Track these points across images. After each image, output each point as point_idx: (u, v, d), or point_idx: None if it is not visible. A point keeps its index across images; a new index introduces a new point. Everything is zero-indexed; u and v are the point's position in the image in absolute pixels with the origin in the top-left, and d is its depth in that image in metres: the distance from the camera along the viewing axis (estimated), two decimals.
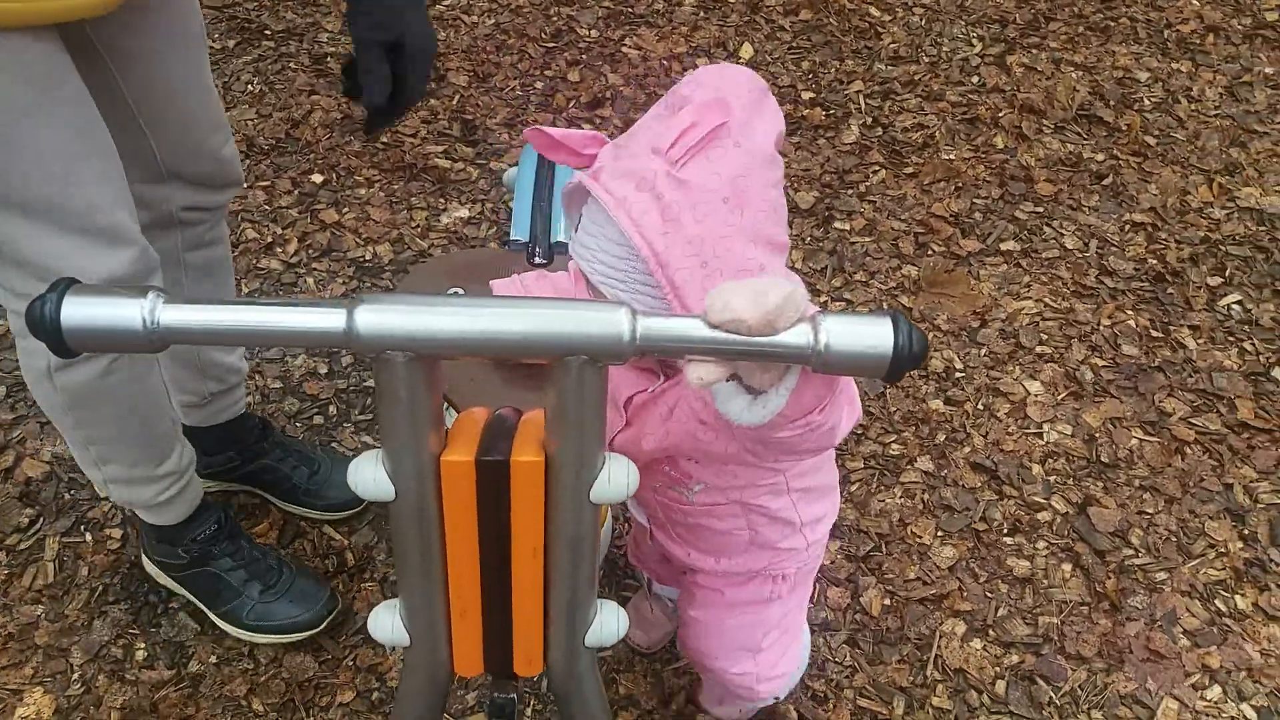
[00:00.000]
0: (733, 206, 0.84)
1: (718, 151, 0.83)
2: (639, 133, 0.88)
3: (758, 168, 0.85)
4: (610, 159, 0.88)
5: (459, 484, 0.73)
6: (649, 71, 2.65)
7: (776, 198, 0.87)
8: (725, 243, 0.84)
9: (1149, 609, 1.64)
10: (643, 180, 0.84)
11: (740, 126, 0.84)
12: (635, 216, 0.84)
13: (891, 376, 0.65)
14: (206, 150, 1.34)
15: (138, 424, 1.34)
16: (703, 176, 0.83)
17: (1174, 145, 2.51)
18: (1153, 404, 1.93)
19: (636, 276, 0.87)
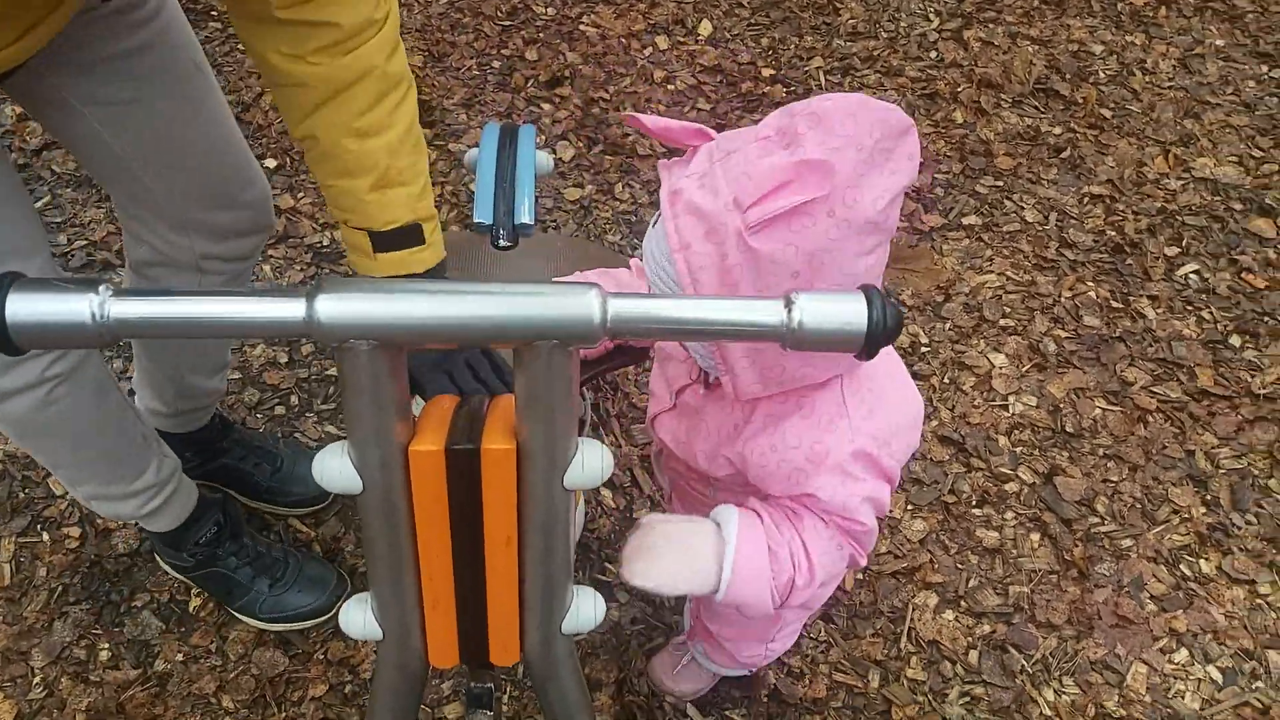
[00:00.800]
0: (802, 281, 0.76)
1: (803, 222, 0.75)
2: (736, 155, 0.78)
3: (849, 239, 0.76)
4: (696, 179, 0.80)
5: (428, 474, 0.71)
6: (608, 50, 2.62)
7: (866, 266, 0.78)
8: None
9: (1116, 575, 1.66)
10: (712, 231, 0.77)
11: (843, 191, 0.74)
12: (694, 270, 0.78)
13: (867, 353, 0.64)
14: (221, 199, 1.23)
15: (98, 448, 1.29)
16: (776, 248, 0.75)
17: (1129, 118, 2.53)
18: (1115, 374, 1.96)
19: None
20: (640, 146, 2.37)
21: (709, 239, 0.78)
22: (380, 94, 1.00)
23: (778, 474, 0.90)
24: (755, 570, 0.88)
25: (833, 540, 0.91)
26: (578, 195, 2.25)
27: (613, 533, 1.69)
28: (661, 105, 2.48)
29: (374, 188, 1.02)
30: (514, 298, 0.63)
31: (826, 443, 0.88)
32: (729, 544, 0.88)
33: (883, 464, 0.89)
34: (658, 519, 0.91)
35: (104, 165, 1.16)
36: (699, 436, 0.98)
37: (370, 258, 1.05)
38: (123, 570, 1.59)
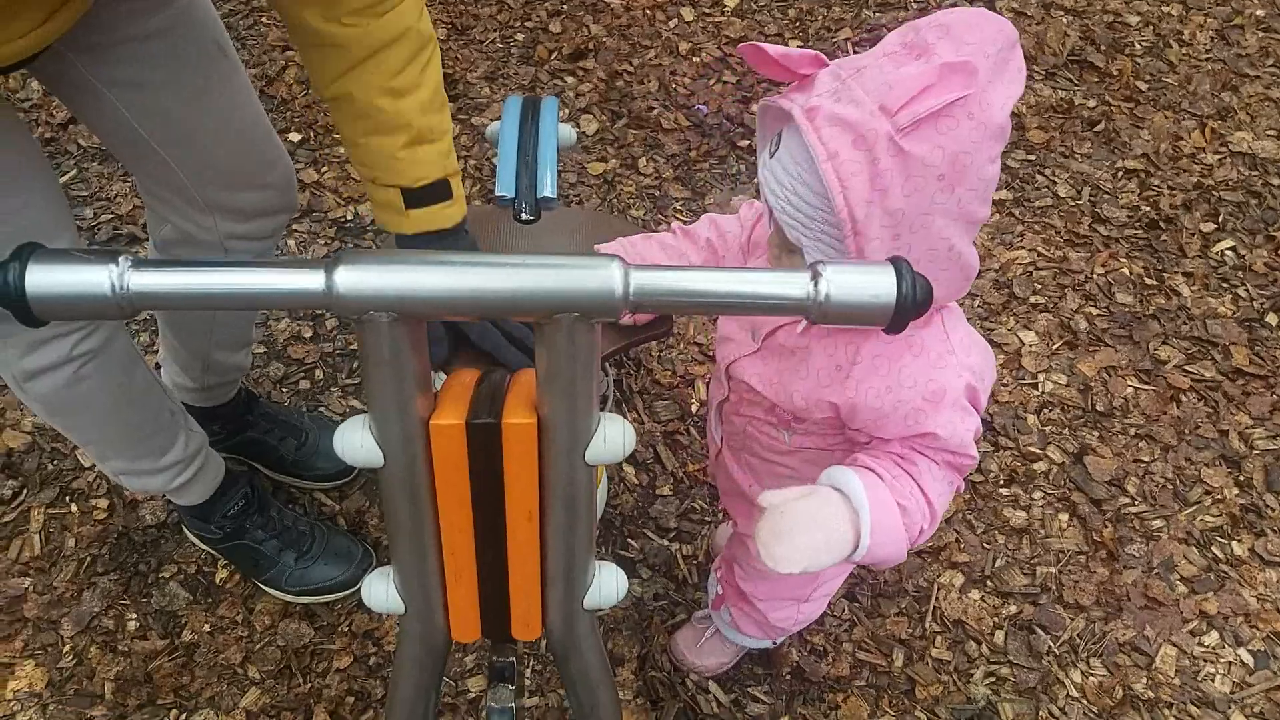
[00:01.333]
0: (946, 184, 0.78)
1: (948, 123, 0.77)
2: (868, 69, 0.80)
3: (985, 142, 0.78)
4: (829, 95, 0.80)
5: (449, 448, 0.70)
6: (632, 21, 2.59)
7: (993, 173, 0.81)
8: (925, 219, 0.80)
9: (1146, 557, 1.64)
10: (861, 138, 0.78)
11: (980, 94, 0.77)
12: (844, 178, 0.79)
13: (894, 327, 0.63)
14: (244, 180, 1.23)
15: (125, 424, 1.29)
16: (926, 150, 0.77)
17: (1165, 90, 2.48)
18: (1147, 352, 1.92)
19: (824, 227, 0.83)
20: (665, 120, 2.34)
21: (857, 146, 0.78)
22: (413, 54, 1.00)
23: (894, 415, 0.91)
24: (891, 529, 0.88)
25: (945, 480, 0.92)
26: (601, 169, 2.23)
27: (635, 509, 1.68)
28: (686, 78, 2.45)
29: (406, 145, 1.03)
30: (535, 270, 0.62)
31: (941, 380, 0.89)
32: (863, 511, 0.87)
33: (980, 398, 0.92)
34: (777, 499, 0.90)
35: (128, 147, 1.16)
36: (798, 378, 0.98)
37: (402, 214, 1.06)
38: (150, 542, 1.61)
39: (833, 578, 1.25)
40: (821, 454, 1.02)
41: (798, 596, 1.26)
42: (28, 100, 2.24)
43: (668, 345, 1.91)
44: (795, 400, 0.98)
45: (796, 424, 1.03)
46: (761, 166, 0.88)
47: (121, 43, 1.06)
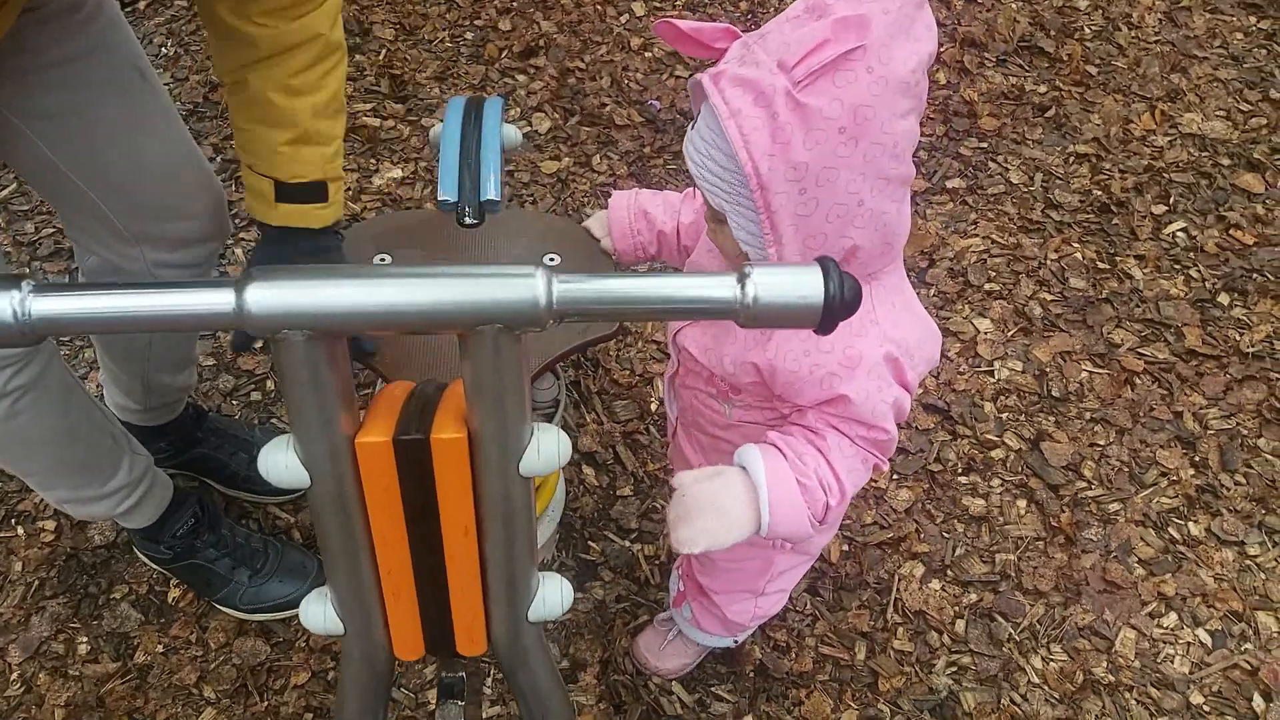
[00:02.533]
0: (848, 137, 0.79)
1: (845, 76, 0.78)
2: (771, 33, 0.82)
3: (888, 96, 0.79)
4: (736, 60, 0.83)
5: (377, 466, 0.69)
6: (583, 17, 2.57)
7: (904, 129, 0.81)
8: (830, 173, 0.81)
9: (1104, 540, 1.64)
10: (761, 95, 0.80)
11: (878, 49, 0.78)
12: (746, 133, 0.81)
13: (824, 327, 0.62)
14: (169, 210, 1.19)
15: (66, 455, 1.26)
16: (823, 102, 0.78)
17: (1115, 74, 2.49)
18: (1101, 336, 1.93)
19: (739, 189, 0.84)
20: (618, 116, 2.33)
21: (758, 104, 0.80)
22: (317, 59, 1.01)
23: (809, 379, 0.92)
24: (790, 506, 0.91)
25: (857, 455, 0.94)
26: (554, 168, 2.21)
27: (595, 511, 1.67)
28: (639, 74, 2.44)
29: (290, 142, 1.03)
30: (454, 282, 0.60)
31: (859, 347, 0.90)
32: (760, 490, 0.90)
33: (906, 373, 0.92)
34: (686, 480, 0.92)
35: (46, 180, 1.13)
36: (727, 342, 0.99)
37: (270, 205, 1.06)
38: (100, 562, 1.57)
39: (786, 570, 1.25)
40: (760, 430, 1.02)
41: (752, 589, 1.26)
42: None
43: (625, 344, 1.90)
44: (725, 364, 1.00)
45: (734, 395, 1.04)
46: (686, 143, 0.90)
47: (35, 70, 1.03)
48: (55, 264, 1.93)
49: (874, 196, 0.83)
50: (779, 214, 0.83)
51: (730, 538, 0.91)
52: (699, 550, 0.90)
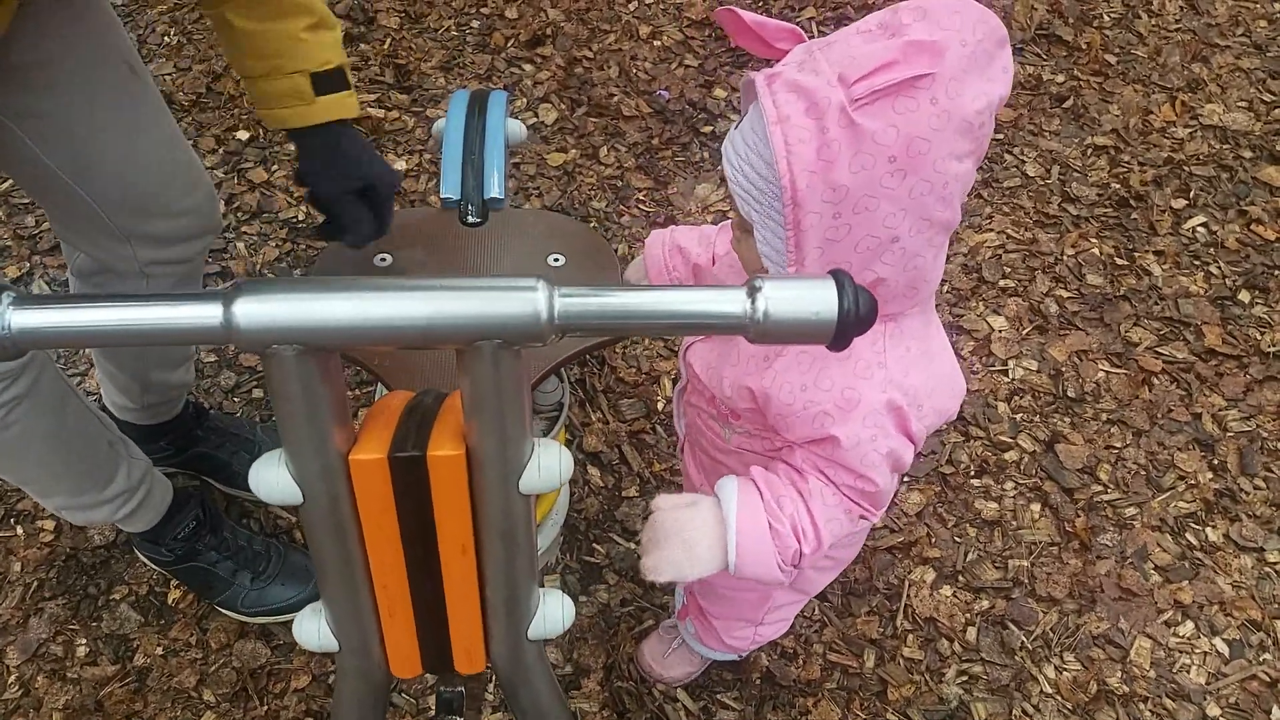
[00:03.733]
0: (897, 168, 0.75)
1: (907, 103, 0.74)
2: (838, 42, 0.78)
3: (948, 134, 0.75)
4: (795, 65, 0.79)
5: (372, 483, 0.66)
6: (591, 5, 2.53)
7: (957, 172, 0.77)
8: (870, 201, 0.77)
9: (1119, 546, 1.61)
10: (814, 105, 0.75)
11: (948, 81, 0.73)
12: (791, 143, 0.76)
13: (837, 344, 0.59)
14: (160, 206, 1.18)
15: (62, 464, 1.24)
16: (878, 125, 0.74)
17: (1135, 63, 2.44)
18: (1119, 334, 1.89)
19: (772, 201, 0.80)
20: (625, 107, 2.29)
21: (809, 114, 0.76)
22: None
23: (802, 415, 0.88)
24: (758, 549, 0.88)
25: (840, 506, 0.89)
26: (561, 160, 2.18)
27: (600, 513, 1.65)
28: (648, 62, 2.40)
29: (310, 28, 1.02)
30: (452, 296, 0.57)
31: (859, 389, 0.86)
32: (729, 528, 0.88)
33: (910, 423, 0.87)
34: (662, 505, 0.90)
35: (35, 179, 1.10)
36: (728, 362, 0.96)
37: (310, 102, 1.04)
38: (99, 563, 1.55)
39: (785, 604, 1.22)
40: (759, 460, 0.98)
41: (750, 619, 1.23)
42: None
43: (633, 341, 1.87)
44: (724, 387, 0.96)
45: (733, 420, 1.01)
46: (726, 141, 0.85)
47: (24, 68, 1.00)
48: (56, 258, 1.91)
49: (911, 236, 0.79)
50: (807, 234, 0.79)
51: (694, 572, 0.88)
52: (663, 580, 0.88)
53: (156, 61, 2.28)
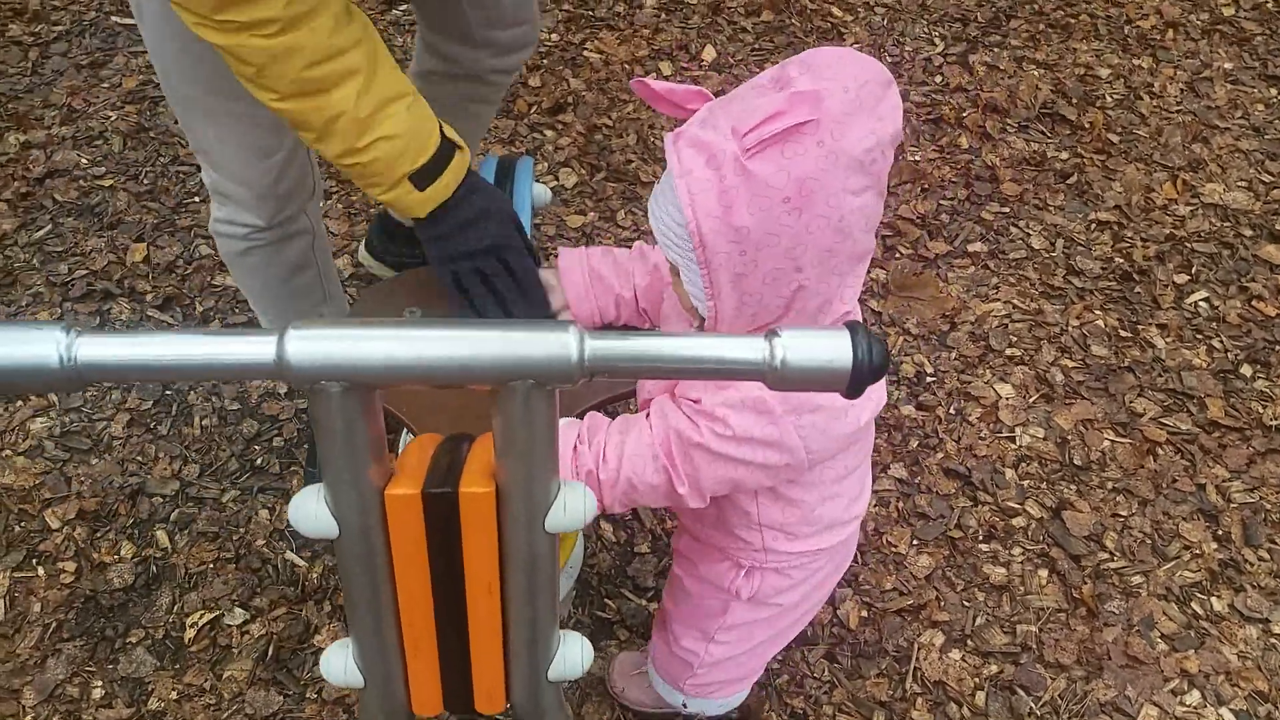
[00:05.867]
0: (792, 208, 0.82)
1: (795, 148, 0.81)
2: (735, 99, 0.86)
3: (837, 171, 0.82)
4: (698, 122, 0.87)
5: (406, 518, 0.69)
6: (610, 76, 2.62)
7: (854, 205, 0.83)
8: (771, 239, 0.84)
9: (1126, 614, 1.62)
10: (713, 158, 0.83)
11: (832, 124, 0.81)
12: (694, 193, 0.84)
13: (851, 391, 0.63)
14: (514, 18, 1.45)
15: (280, 307, 1.48)
16: (769, 171, 0.81)
17: (1137, 142, 2.51)
18: (1123, 405, 1.92)
19: (688, 245, 0.87)
20: (643, 173, 2.36)
21: (709, 165, 0.83)
22: None
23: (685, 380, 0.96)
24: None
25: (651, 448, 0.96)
26: (580, 222, 2.24)
27: (613, 568, 1.66)
28: (665, 129, 2.48)
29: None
30: (488, 337, 0.61)
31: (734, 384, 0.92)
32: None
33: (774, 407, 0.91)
34: None
35: None
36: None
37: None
38: (118, 605, 1.57)
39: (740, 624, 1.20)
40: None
41: (704, 630, 1.22)
42: (4, 154, 2.24)
43: None
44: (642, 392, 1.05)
45: None
46: (650, 199, 0.93)
47: None
48: (87, 305, 1.96)
49: (815, 265, 0.86)
50: (718, 271, 0.86)
51: None
52: None
53: None
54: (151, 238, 2.09)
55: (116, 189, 2.19)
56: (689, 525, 1.18)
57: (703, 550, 1.16)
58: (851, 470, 1.07)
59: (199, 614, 1.57)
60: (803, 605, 1.20)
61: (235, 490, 1.73)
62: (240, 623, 1.57)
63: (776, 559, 1.11)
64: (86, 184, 2.19)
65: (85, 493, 1.70)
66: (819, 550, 1.11)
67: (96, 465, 1.73)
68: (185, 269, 2.05)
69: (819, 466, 1.01)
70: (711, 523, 1.11)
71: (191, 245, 2.10)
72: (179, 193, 2.19)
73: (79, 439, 1.76)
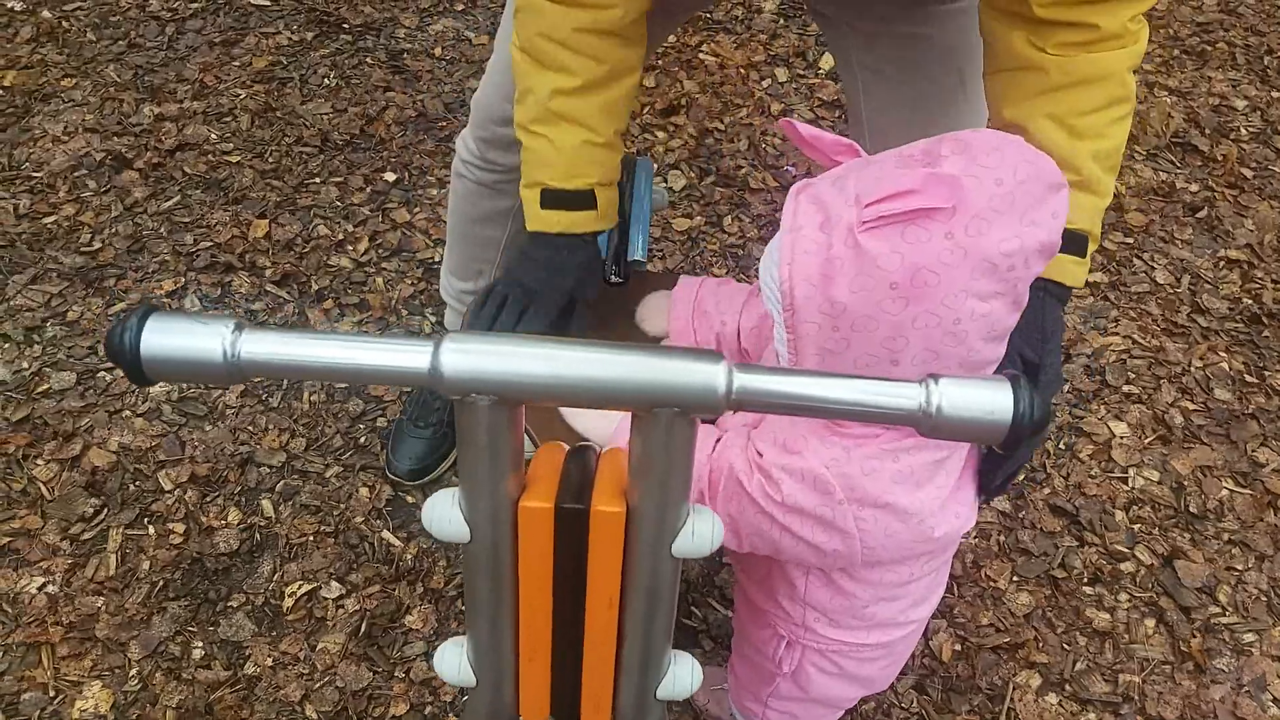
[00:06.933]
0: (899, 295, 0.75)
1: (918, 233, 0.74)
2: (876, 164, 0.80)
3: (961, 270, 0.74)
4: (831, 179, 0.81)
5: (537, 530, 0.70)
6: (725, 79, 2.61)
7: (975, 310, 0.76)
8: (869, 322, 0.77)
9: (1236, 672, 1.55)
10: (827, 220, 0.78)
11: (970, 217, 0.73)
12: (796, 252, 0.79)
13: (1008, 446, 0.61)
14: None
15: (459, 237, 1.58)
16: (881, 251, 0.74)
17: (1272, 179, 2.40)
18: (1245, 453, 1.84)
19: (781, 305, 0.83)
20: (753, 179, 2.34)
21: (822, 229, 0.78)
22: (1110, 100, 0.98)
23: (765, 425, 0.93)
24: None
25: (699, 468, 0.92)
26: (686, 226, 2.24)
27: (700, 577, 1.66)
28: (777, 139, 2.45)
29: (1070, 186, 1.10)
30: (640, 361, 0.61)
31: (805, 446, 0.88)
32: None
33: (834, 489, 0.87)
34: None
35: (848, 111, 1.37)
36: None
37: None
38: (222, 570, 1.63)
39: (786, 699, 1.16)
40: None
41: (756, 695, 1.19)
42: (139, 124, 2.33)
43: None
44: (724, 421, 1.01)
45: None
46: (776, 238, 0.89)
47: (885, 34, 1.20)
48: (210, 276, 2.03)
49: (914, 366, 0.79)
50: (804, 340, 0.81)
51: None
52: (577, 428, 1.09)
53: (315, 101, 2.43)
54: (274, 215, 2.16)
55: (243, 165, 2.26)
56: (740, 578, 1.14)
57: (750, 611, 1.12)
58: (918, 578, 1.00)
59: (298, 584, 1.61)
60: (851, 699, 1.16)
61: (338, 466, 1.77)
62: (336, 596, 1.61)
63: (816, 640, 1.06)
64: (215, 159, 2.27)
65: (198, 457, 1.76)
66: (864, 645, 1.05)
67: (210, 432, 1.80)
68: (303, 247, 2.10)
69: (878, 567, 0.96)
70: (759, 580, 1.07)
71: (310, 225, 2.15)
72: (301, 173, 2.25)
73: (195, 405, 1.83)
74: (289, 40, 2.58)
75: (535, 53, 1.06)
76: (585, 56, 1.05)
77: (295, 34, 2.61)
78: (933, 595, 1.07)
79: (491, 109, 1.38)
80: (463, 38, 2.64)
